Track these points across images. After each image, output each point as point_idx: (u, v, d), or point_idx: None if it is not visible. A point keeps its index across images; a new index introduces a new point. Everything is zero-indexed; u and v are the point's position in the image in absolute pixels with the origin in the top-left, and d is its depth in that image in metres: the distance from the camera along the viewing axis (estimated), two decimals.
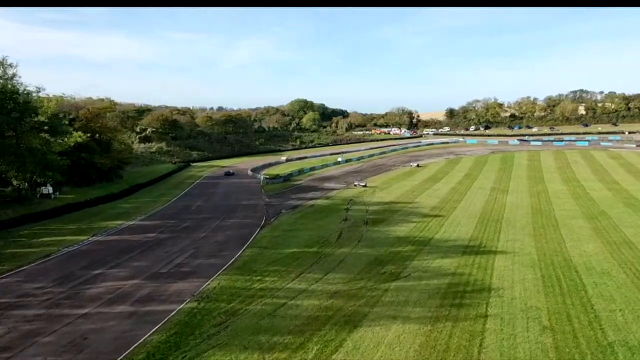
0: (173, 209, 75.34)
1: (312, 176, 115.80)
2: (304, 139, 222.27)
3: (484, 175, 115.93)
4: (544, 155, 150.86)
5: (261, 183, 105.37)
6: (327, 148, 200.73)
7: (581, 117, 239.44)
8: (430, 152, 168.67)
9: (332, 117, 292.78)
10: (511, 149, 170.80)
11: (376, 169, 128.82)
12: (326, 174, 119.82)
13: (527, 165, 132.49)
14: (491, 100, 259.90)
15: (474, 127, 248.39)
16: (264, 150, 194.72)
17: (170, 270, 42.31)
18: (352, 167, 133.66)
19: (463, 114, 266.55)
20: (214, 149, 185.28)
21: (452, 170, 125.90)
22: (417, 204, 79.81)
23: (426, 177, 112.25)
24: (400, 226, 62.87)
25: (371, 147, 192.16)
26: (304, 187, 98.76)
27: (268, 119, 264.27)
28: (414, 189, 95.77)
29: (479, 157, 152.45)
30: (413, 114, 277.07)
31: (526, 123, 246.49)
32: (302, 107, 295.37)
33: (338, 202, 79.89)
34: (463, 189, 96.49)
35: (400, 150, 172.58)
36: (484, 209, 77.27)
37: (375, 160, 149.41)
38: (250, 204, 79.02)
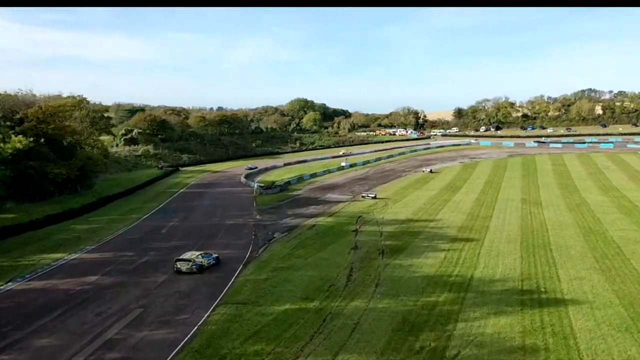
0: (137, 232, 60.89)
1: (313, 184, 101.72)
2: (304, 141, 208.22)
3: (508, 183, 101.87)
4: (568, 159, 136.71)
5: (254, 193, 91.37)
6: (328, 150, 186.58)
7: (598, 117, 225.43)
8: (442, 155, 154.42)
9: (333, 117, 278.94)
10: (529, 151, 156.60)
11: (385, 175, 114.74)
12: (329, 181, 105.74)
13: (552, 170, 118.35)
14: (502, 99, 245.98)
15: (484, 128, 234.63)
16: (261, 153, 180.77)
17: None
18: (358, 173, 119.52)
19: (472, 113, 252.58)
20: (206, 152, 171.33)
21: (470, 176, 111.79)
22: (441, 222, 65.74)
23: (443, 186, 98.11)
24: (426, 257, 48.80)
25: (376, 149, 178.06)
26: (303, 198, 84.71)
27: (266, 119, 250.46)
28: (432, 200, 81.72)
29: (497, 160, 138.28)
30: (419, 114, 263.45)
31: (540, 123, 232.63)
32: (302, 107, 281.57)
33: (344, 221, 65.75)
34: (489, 201, 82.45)
35: (408, 153, 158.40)
36: (522, 228, 63.18)
37: (383, 164, 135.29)
38: (236, 224, 64.70)
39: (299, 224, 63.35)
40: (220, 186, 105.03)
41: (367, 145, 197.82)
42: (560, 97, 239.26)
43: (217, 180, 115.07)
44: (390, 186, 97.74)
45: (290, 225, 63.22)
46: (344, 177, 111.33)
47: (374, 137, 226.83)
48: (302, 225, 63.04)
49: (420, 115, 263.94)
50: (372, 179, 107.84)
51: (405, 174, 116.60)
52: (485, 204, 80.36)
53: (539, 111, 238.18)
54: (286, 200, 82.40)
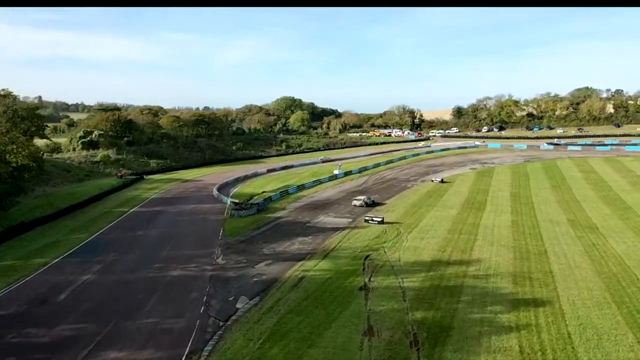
0: (13, 303, 38.39)
1: (301, 200, 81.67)
2: (291, 143, 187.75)
3: (540, 197, 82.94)
4: (595, 164, 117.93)
5: (224, 214, 71.22)
6: (318, 154, 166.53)
7: (611, 116, 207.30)
8: (449, 159, 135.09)
9: (322, 117, 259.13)
10: (547, 155, 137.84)
11: (387, 186, 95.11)
12: (320, 196, 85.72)
13: (584, 179, 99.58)
14: (504, 97, 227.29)
15: (487, 128, 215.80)
16: (242, 157, 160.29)
17: None
18: (354, 183, 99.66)
19: (473, 112, 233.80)
20: (179, 156, 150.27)
21: (489, 187, 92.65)
22: (483, 266, 46.14)
23: (462, 201, 78.76)
24: (490, 350, 29.06)
25: (372, 152, 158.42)
26: (287, 224, 64.57)
27: (249, 119, 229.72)
28: (457, 226, 62.20)
29: (513, 166, 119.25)
30: (415, 113, 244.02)
31: (547, 123, 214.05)
32: (288, 106, 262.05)
33: (346, 267, 45.68)
34: (530, 225, 63.26)
35: (410, 157, 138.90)
36: (600, 274, 44.12)
37: (383, 172, 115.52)
38: (184, 278, 43.85)
39: (279, 276, 42.92)
40: (185, 202, 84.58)
41: (360, 148, 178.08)
42: (568, 94, 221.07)
43: (183, 194, 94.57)
44: (396, 202, 78.01)
45: (265, 278, 42.72)
46: (338, 190, 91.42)
47: (367, 138, 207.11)
48: (283, 278, 42.59)
49: (416, 114, 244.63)
50: (373, 192, 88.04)
51: (411, 184, 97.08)
52: (527, 229, 61.04)
53: (546, 110, 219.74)
54: (264, 228, 62.17)
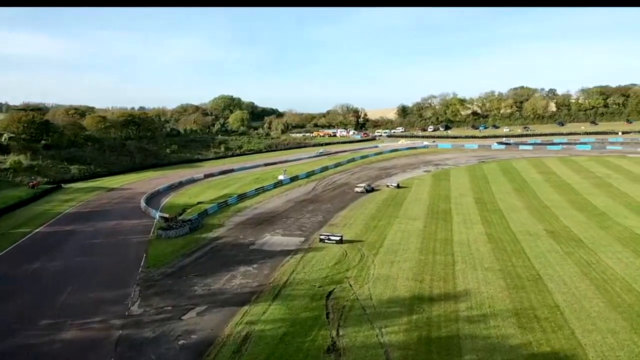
0: None
1: (242, 213, 70.25)
2: (231, 145, 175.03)
3: (506, 203, 75.64)
4: (552, 164, 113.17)
5: (151, 233, 58.98)
6: (260, 156, 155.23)
7: (554, 115, 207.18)
8: (400, 161, 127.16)
9: (263, 116, 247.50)
10: (500, 155, 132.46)
11: (339, 193, 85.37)
12: (264, 207, 74.58)
13: (545, 181, 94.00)
14: (450, 95, 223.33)
15: (433, 128, 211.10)
16: (177, 161, 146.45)
17: None
18: (302, 190, 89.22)
19: (418, 111, 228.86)
20: (105, 161, 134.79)
21: (450, 192, 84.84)
22: (475, 303, 36.83)
23: (425, 210, 70.15)
24: None
25: (319, 153, 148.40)
26: (226, 247, 53.09)
27: (185, 119, 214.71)
28: (427, 243, 53.04)
29: (469, 168, 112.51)
30: (359, 112, 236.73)
31: (492, 122, 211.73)
32: (227, 105, 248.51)
33: (305, 313, 34.82)
34: (508, 240, 54.98)
35: (359, 159, 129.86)
36: (616, 307, 35.78)
37: (332, 175, 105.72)
38: (80, 343, 30.91)
39: (215, 335, 31.12)
40: (105, 217, 71.39)
41: (305, 149, 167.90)
42: (511, 92, 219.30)
43: (105, 206, 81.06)
44: (353, 214, 68.19)
45: (195, 339, 30.67)
46: (285, 199, 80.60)
47: (311, 139, 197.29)
48: (220, 337, 30.69)
49: (360, 113, 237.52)
50: (324, 201, 78.11)
51: None
52: (507, 245, 52.61)
53: (490, 109, 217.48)
54: (197, 253, 50.42)
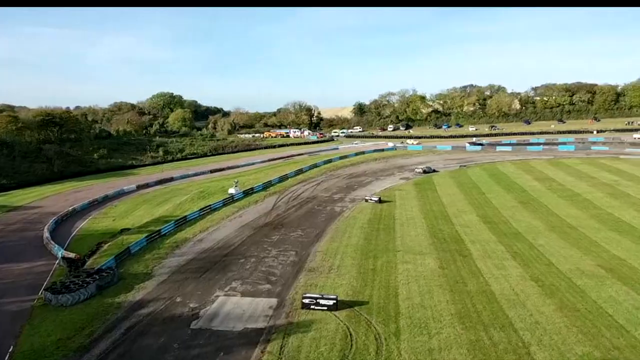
0: None
1: (181, 251, 50.19)
2: (170, 148, 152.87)
3: (522, 224, 59.99)
4: (544, 168, 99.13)
5: (38, 294, 38.47)
6: (205, 161, 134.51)
7: (520, 113, 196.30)
8: (370, 166, 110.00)
9: (207, 115, 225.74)
10: (479, 158, 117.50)
11: (308, 212, 66.92)
12: (212, 237, 54.75)
13: (548, 190, 79.44)
14: (409, 92, 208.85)
15: (393, 127, 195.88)
16: (106, 168, 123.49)
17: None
18: (260, 208, 70.09)
19: (376, 109, 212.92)
20: (15, 170, 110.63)
21: (445, 208, 68.52)
22: None
23: (428, 237, 53.23)
24: None
25: (272, 157, 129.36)
26: (152, 326, 32.81)
27: (116, 119, 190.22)
28: (460, 302, 35.82)
29: (453, 174, 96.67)
30: (313, 111, 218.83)
31: (455, 120, 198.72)
32: (167, 103, 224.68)
33: None
34: (566, 288, 38.90)
35: (322, 165, 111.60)
36: None
37: (295, 187, 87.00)
38: None
39: None
40: None
41: (256, 153, 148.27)
42: (474, 89, 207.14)
43: None
44: (336, 246, 49.85)
45: None
46: (239, 223, 61.17)
47: (262, 140, 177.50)
48: None
49: (314, 112, 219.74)
50: (292, 225, 59.50)
51: (339, 206, 70.00)
52: (573, 298, 36.15)
53: (452, 106, 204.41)
54: (104, 343, 30.17)
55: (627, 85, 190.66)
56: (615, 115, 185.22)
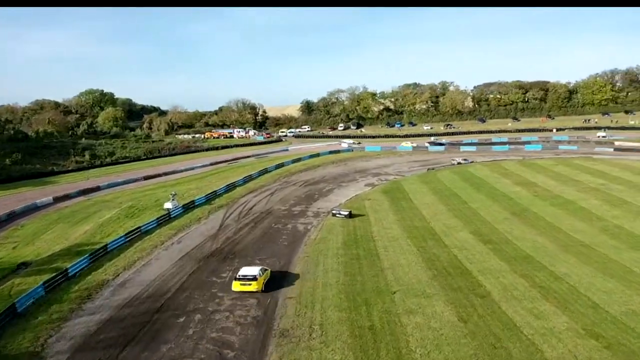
0: None
1: (94, 303, 35.53)
2: (99, 151, 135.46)
3: (525, 242, 49.91)
4: (520, 171, 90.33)
5: None
6: (138, 166, 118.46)
7: (474, 111, 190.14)
8: (328, 170, 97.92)
9: (142, 115, 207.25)
10: (444, 159, 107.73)
11: (266, 233, 53.92)
12: (140, 278, 40.20)
13: (537, 197, 70.42)
14: (359, 89, 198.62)
15: (343, 126, 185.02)
16: (20, 176, 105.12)
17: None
18: (205, 229, 56.29)
19: (324, 107, 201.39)
20: None
21: (428, 223, 57.78)
22: None
23: (423, 268, 41.89)
24: None
25: (215, 161, 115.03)
26: None
27: (37, 118, 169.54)
28: None
29: (423, 179, 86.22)
30: (258, 109, 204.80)
31: (408, 119, 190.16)
32: (97, 101, 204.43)
33: None
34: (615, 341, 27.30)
35: (273, 170, 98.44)
36: None
37: (245, 197, 73.53)
38: None
39: None
40: None
41: (197, 155, 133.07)
42: (427, 86, 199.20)
43: None
44: (310, 287, 37.32)
45: None
46: (178, 253, 47.02)
47: (203, 141, 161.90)
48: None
49: (258, 110, 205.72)
50: (247, 254, 46.48)
51: (302, 223, 57.63)
52: None
53: (404, 104, 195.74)
54: None
55: (578, 83, 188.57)
56: (568, 112, 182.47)
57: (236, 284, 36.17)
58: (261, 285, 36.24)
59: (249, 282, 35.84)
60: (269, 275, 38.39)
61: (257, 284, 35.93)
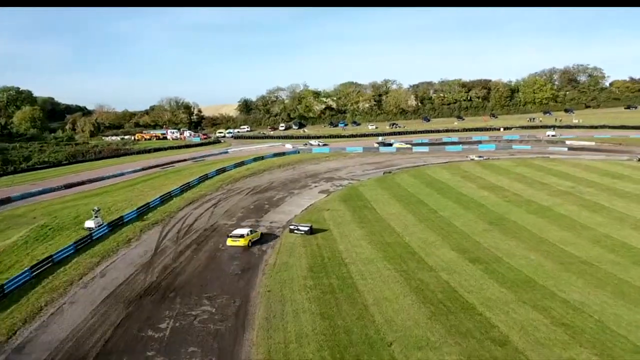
0: None
1: None
2: (12, 155, 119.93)
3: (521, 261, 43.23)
4: (481, 173, 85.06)
5: None
6: (59, 172, 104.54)
7: (418, 110, 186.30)
8: (275, 175, 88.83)
9: (65, 114, 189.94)
10: (398, 161, 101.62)
11: (211, 259, 44.07)
12: (45, 339, 29.51)
13: (510, 203, 65.15)
14: (300, 87, 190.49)
15: (284, 126, 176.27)
16: None
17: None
18: (135, 254, 45.81)
19: (264, 106, 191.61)
20: None
21: (400, 238, 50.46)
22: None
23: (415, 305, 34.08)
24: None
25: (147, 165, 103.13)
26: None
27: None
28: None
29: (381, 183, 79.14)
30: (192, 108, 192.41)
31: (351, 118, 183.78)
32: (12, 100, 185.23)
33: None
34: None
35: (214, 175, 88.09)
36: None
37: (184, 210, 63.09)
38: None
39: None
40: None
41: (126, 159, 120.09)
42: (370, 84, 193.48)
43: None
44: (279, 345, 28.32)
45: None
46: (99, 293, 36.47)
47: (133, 143, 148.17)
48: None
49: (193, 109, 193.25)
50: (191, 292, 36.85)
51: (255, 245, 47.98)
52: None
53: (347, 103, 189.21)
54: None
55: (519, 82, 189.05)
56: (511, 111, 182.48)
57: (229, 240, 46.15)
58: (247, 242, 45.87)
59: (238, 239, 45.70)
60: (258, 235, 48.79)
61: (244, 240, 45.63)
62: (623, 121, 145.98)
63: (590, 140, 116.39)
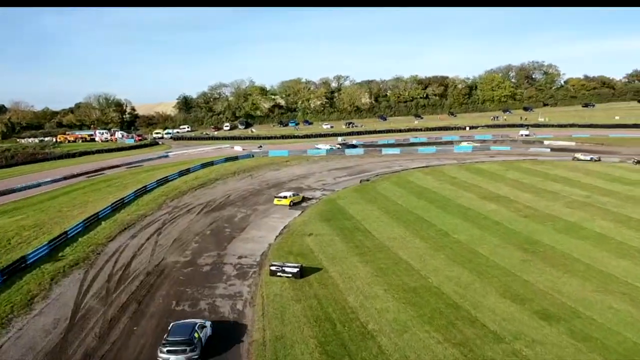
0: None
1: None
2: None
3: (604, 314, 31.37)
4: (471, 179, 73.71)
5: None
6: None
7: (373, 108, 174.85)
8: (230, 185, 73.21)
9: None
10: (370, 165, 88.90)
11: (160, 337, 28.42)
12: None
13: (526, 218, 54.21)
14: (245, 83, 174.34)
15: (229, 125, 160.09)
16: None
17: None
18: (37, 328, 29.73)
19: (206, 104, 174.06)
20: None
21: (426, 282, 37.36)
22: None
23: None
24: None
25: (71, 173, 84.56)
26: None
27: None
28: None
29: (362, 195, 65.54)
30: (124, 106, 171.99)
31: (302, 117, 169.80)
32: None
33: None
34: None
35: (156, 188, 71.38)
36: None
37: (117, 242, 46.61)
38: None
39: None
40: None
41: (45, 165, 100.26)
42: (320, 81, 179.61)
43: None
44: None
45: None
46: None
47: (55, 146, 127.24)
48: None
49: (126, 107, 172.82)
50: None
51: (226, 298, 33.72)
52: None
53: (297, 100, 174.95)
54: None
55: (476, 79, 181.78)
56: (469, 109, 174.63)
57: (276, 200, 59.29)
58: (289, 202, 58.75)
59: (283, 199, 59.05)
60: (300, 198, 61.29)
61: (287, 200, 58.77)
62: (590, 120, 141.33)
63: (569, 140, 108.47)
